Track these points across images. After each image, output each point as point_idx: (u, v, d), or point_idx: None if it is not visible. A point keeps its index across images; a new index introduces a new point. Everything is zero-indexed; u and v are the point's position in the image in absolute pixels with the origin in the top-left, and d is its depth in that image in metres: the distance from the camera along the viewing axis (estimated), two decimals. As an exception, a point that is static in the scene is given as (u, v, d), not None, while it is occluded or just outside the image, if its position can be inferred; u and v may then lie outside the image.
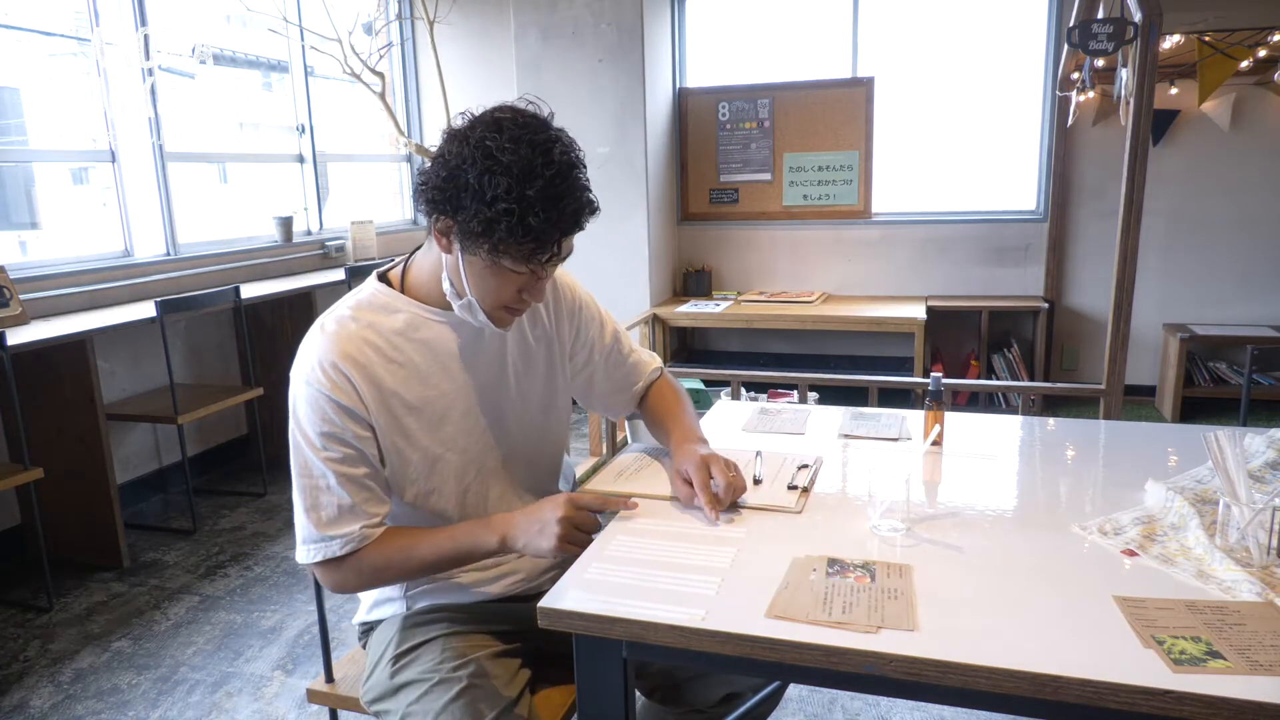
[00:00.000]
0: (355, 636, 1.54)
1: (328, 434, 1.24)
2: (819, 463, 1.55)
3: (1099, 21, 2.65)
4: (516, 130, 1.16)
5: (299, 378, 1.27)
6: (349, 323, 1.29)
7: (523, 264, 1.20)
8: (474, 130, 1.17)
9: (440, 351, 1.33)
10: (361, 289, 1.35)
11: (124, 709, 2.27)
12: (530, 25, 4.74)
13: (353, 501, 1.25)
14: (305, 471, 1.25)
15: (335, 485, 1.24)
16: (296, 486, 1.26)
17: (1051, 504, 1.38)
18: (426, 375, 1.31)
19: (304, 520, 1.26)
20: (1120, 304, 2.71)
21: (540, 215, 1.14)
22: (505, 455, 1.40)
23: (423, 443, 1.31)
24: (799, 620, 1.02)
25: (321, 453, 1.24)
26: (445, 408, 1.33)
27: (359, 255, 4.71)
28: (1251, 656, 0.92)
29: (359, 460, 1.26)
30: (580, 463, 3.94)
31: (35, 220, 3.81)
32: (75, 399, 2.99)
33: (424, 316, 1.32)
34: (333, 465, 1.24)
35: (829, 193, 5.02)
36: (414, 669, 1.31)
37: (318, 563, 1.26)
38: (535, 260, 1.20)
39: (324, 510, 1.24)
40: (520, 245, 1.17)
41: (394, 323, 1.31)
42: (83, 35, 3.61)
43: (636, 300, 4.88)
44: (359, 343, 1.27)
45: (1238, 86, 4.27)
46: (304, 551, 1.27)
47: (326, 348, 1.26)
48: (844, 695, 2.20)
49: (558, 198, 1.15)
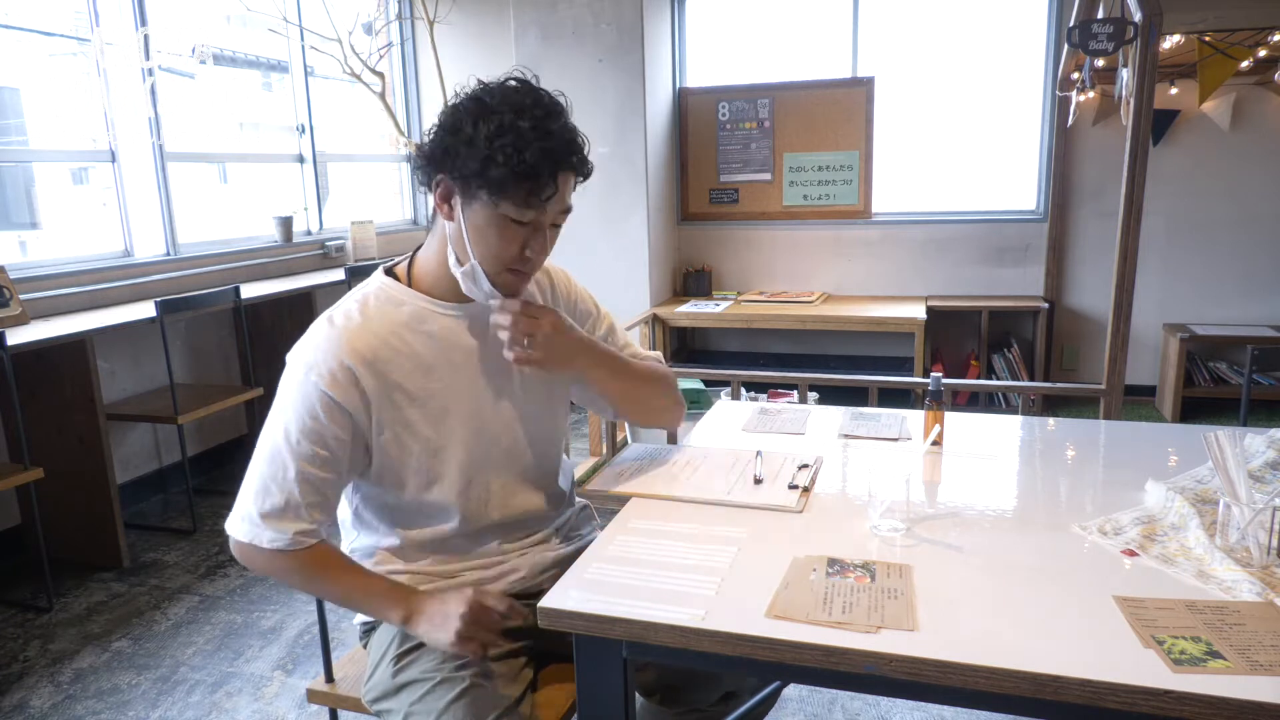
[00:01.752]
0: (355, 637, 1.54)
1: (308, 430, 1.24)
2: (819, 463, 1.55)
3: (1099, 21, 2.65)
4: (504, 84, 1.24)
5: (299, 364, 1.27)
6: (356, 316, 1.30)
7: (524, 207, 1.21)
8: (465, 94, 1.25)
9: (445, 344, 1.33)
10: (368, 283, 1.37)
11: (124, 709, 2.27)
12: (530, 25, 4.74)
13: (301, 501, 1.25)
14: (269, 455, 1.26)
15: (292, 479, 1.25)
16: (255, 462, 1.27)
17: (1051, 504, 1.38)
18: (431, 367, 1.32)
19: (249, 497, 1.27)
20: (1120, 304, 2.71)
21: (535, 146, 1.17)
22: (508, 448, 1.40)
23: (425, 433, 1.31)
24: (799, 620, 1.02)
25: (294, 446, 1.24)
26: (449, 400, 1.33)
27: (359, 255, 4.71)
28: (1251, 656, 0.92)
29: (327, 464, 1.26)
30: (580, 463, 3.94)
31: (35, 220, 3.82)
32: (75, 399, 2.99)
33: (430, 309, 1.33)
34: (298, 460, 1.24)
35: (829, 193, 5.02)
36: (416, 668, 1.30)
37: (242, 541, 1.28)
38: (535, 200, 1.21)
39: (270, 499, 1.25)
40: (519, 184, 1.19)
41: (400, 315, 1.32)
42: (83, 35, 3.60)
43: (636, 300, 4.88)
44: (366, 336, 1.28)
45: (1238, 86, 4.27)
46: (235, 525, 1.28)
47: (333, 341, 1.27)
48: (844, 695, 2.20)
49: (549, 130, 1.19)
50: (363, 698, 1.38)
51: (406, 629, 1.28)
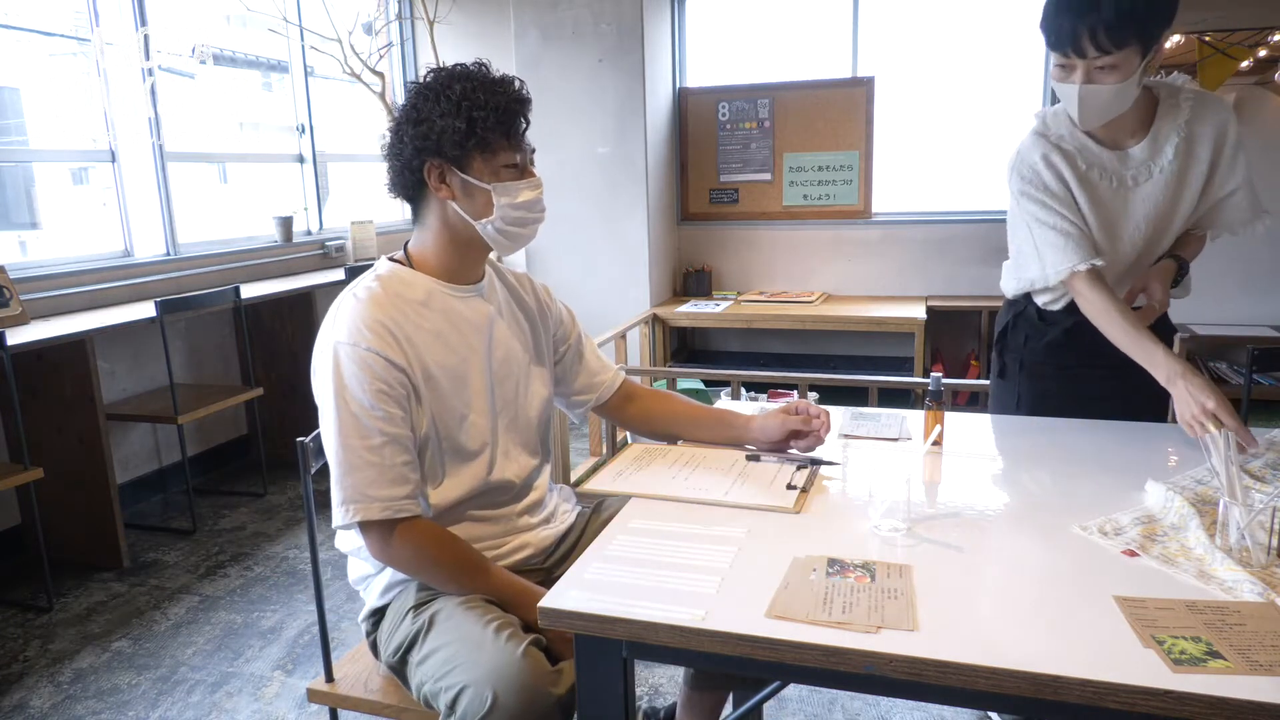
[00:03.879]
0: (356, 636, 1.54)
1: (380, 391, 1.30)
2: (819, 463, 1.55)
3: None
4: (432, 73, 1.39)
5: (341, 340, 1.32)
6: (378, 290, 1.38)
7: (513, 150, 1.38)
8: (407, 100, 1.40)
9: (457, 320, 1.44)
10: (376, 267, 1.46)
11: (124, 709, 2.27)
12: (530, 25, 4.74)
13: (396, 462, 1.30)
14: (350, 432, 1.29)
15: (380, 445, 1.29)
16: (336, 449, 1.30)
17: (1051, 504, 1.38)
18: (449, 341, 1.42)
19: (345, 481, 1.29)
20: (1120, 304, 2.70)
21: (496, 94, 1.35)
22: (514, 417, 1.50)
23: (451, 402, 1.40)
24: (799, 620, 1.02)
25: (371, 412, 1.29)
26: (466, 371, 1.43)
27: (359, 255, 4.71)
28: (1251, 656, 0.92)
29: (403, 421, 1.33)
30: (580, 463, 3.94)
31: (35, 220, 3.82)
32: (75, 399, 2.99)
33: (440, 290, 1.44)
34: (380, 424, 1.29)
35: (829, 193, 5.02)
36: (437, 603, 1.37)
37: (359, 522, 1.29)
38: (517, 138, 1.39)
39: (368, 470, 1.29)
40: (498, 129, 1.35)
41: (414, 294, 1.42)
42: (83, 35, 3.61)
43: (636, 300, 4.88)
44: (392, 307, 1.37)
45: (1238, 86, 4.27)
46: (341, 514, 1.30)
47: (366, 309, 1.34)
48: (844, 695, 2.20)
49: (495, 81, 1.37)
50: (384, 661, 1.43)
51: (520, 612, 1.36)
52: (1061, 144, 1.73)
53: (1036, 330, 1.89)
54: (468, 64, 1.41)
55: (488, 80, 1.37)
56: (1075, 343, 1.82)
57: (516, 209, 1.40)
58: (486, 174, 1.38)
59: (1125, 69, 1.53)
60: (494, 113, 1.34)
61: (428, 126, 1.35)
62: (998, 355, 1.99)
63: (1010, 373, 1.95)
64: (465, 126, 1.33)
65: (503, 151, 1.38)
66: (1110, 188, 1.72)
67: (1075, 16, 1.50)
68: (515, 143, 1.39)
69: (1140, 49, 1.52)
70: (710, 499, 1.40)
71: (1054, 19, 1.54)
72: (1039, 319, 1.89)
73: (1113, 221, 1.75)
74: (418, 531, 1.33)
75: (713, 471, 1.52)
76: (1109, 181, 1.72)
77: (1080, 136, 1.73)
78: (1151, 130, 1.70)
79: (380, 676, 1.51)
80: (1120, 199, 1.73)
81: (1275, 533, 1.13)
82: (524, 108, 1.40)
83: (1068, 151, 1.72)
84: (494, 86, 1.36)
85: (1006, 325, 1.96)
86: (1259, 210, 1.77)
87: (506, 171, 1.39)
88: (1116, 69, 1.53)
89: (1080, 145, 1.73)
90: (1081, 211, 1.72)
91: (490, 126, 1.35)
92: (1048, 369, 1.87)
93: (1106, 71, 1.53)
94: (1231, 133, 1.71)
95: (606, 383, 1.70)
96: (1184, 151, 1.69)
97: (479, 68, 1.39)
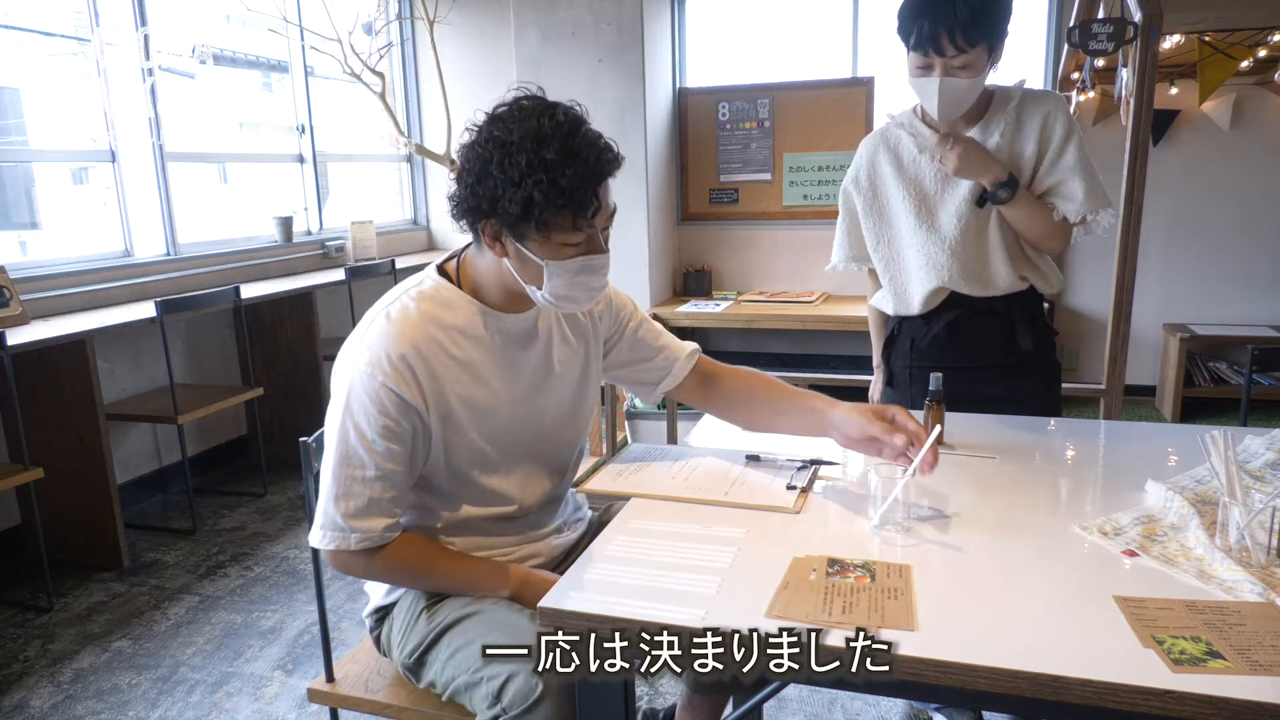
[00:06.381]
0: (356, 636, 1.54)
1: (386, 428, 1.26)
2: (818, 463, 1.55)
3: (1099, 21, 2.65)
4: (516, 113, 1.23)
5: (361, 363, 1.28)
6: (413, 313, 1.31)
7: (574, 231, 1.24)
8: (481, 133, 1.24)
9: (495, 351, 1.37)
10: (422, 280, 1.37)
11: (124, 709, 2.27)
12: (530, 25, 4.74)
13: (383, 497, 1.28)
14: (346, 459, 1.27)
15: (372, 477, 1.27)
16: (331, 469, 1.28)
17: (1051, 504, 1.38)
18: (481, 373, 1.35)
19: (330, 506, 1.28)
20: (1120, 304, 2.70)
21: (568, 173, 1.18)
22: (545, 444, 1.46)
23: (471, 437, 1.35)
24: (799, 620, 1.02)
25: (371, 445, 1.26)
26: (494, 404, 1.37)
27: (359, 255, 4.71)
28: (1251, 656, 0.92)
29: (403, 458, 1.29)
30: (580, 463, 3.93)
31: (35, 220, 3.82)
32: (75, 399, 2.99)
33: (483, 318, 1.36)
34: (378, 459, 1.27)
35: (829, 193, 5.01)
36: (450, 601, 1.36)
37: (329, 549, 1.29)
38: (583, 221, 1.23)
39: (354, 500, 1.27)
40: (560, 212, 1.21)
41: (454, 319, 1.34)
42: (83, 35, 3.60)
43: (637, 300, 4.85)
44: (423, 334, 1.30)
45: (1238, 86, 4.27)
46: (320, 536, 1.29)
47: (393, 337, 1.28)
48: (844, 695, 2.20)
49: (575, 151, 1.19)
50: (399, 662, 1.42)
51: (518, 599, 1.34)
52: (902, 130, 1.92)
53: (920, 330, 1.96)
54: (559, 110, 1.22)
55: (566, 149, 1.18)
56: (956, 340, 1.91)
57: (571, 287, 1.29)
58: (543, 251, 1.25)
59: (977, 65, 1.70)
60: (560, 194, 1.18)
61: (487, 187, 1.21)
62: (885, 364, 2.07)
63: (900, 381, 2.01)
64: (521, 210, 1.19)
65: (564, 232, 1.23)
66: (938, 166, 1.85)
67: (934, 19, 1.66)
68: (580, 223, 1.23)
69: (988, 47, 1.70)
70: (710, 499, 1.40)
71: (913, 22, 1.69)
72: (921, 320, 1.95)
73: (939, 199, 1.88)
74: (392, 553, 1.32)
75: (713, 471, 1.52)
76: (939, 161, 1.84)
77: (919, 125, 1.90)
78: (984, 118, 1.84)
79: (381, 676, 1.51)
80: (946, 176, 1.86)
81: (1275, 533, 1.13)
82: (600, 183, 1.23)
83: (904, 138, 1.91)
84: (569, 159, 1.18)
85: (893, 331, 2.04)
86: (1097, 202, 1.81)
87: (566, 250, 1.25)
88: (970, 66, 1.70)
89: (916, 131, 1.91)
90: (883, 206, 1.94)
91: (554, 209, 1.20)
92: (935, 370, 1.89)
93: (962, 69, 1.70)
94: (1061, 119, 1.80)
95: (672, 368, 1.60)
96: (1010, 135, 1.82)
97: (565, 118, 1.21)
